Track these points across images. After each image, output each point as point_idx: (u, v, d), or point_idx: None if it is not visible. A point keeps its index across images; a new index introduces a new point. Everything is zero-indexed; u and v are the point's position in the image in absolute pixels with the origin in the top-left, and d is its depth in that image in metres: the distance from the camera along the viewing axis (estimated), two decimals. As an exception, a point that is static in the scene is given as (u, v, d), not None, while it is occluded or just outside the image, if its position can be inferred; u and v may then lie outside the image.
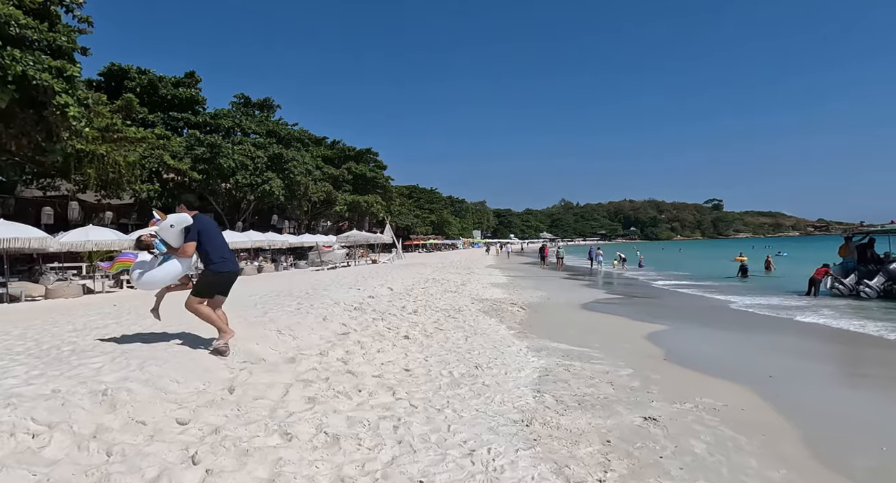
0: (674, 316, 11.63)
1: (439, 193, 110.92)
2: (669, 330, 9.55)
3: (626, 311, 12.55)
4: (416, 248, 76.33)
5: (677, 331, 9.60)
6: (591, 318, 11.18)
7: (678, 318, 11.21)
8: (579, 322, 10.56)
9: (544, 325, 9.94)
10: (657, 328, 9.64)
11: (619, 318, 11.05)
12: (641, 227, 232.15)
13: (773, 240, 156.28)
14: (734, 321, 11.23)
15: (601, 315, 11.69)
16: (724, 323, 11.00)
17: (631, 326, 9.98)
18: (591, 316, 11.57)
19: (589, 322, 10.62)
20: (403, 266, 27.48)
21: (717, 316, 12.08)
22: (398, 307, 10.38)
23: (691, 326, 10.26)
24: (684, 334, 9.36)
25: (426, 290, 14.44)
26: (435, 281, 18.16)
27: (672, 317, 11.42)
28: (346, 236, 28.91)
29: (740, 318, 11.74)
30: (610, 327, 9.87)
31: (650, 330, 9.46)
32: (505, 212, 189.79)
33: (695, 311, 13.01)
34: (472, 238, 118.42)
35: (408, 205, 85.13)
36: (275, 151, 37.37)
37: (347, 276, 17.58)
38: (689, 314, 12.22)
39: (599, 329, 9.60)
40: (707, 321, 11.20)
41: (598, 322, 10.62)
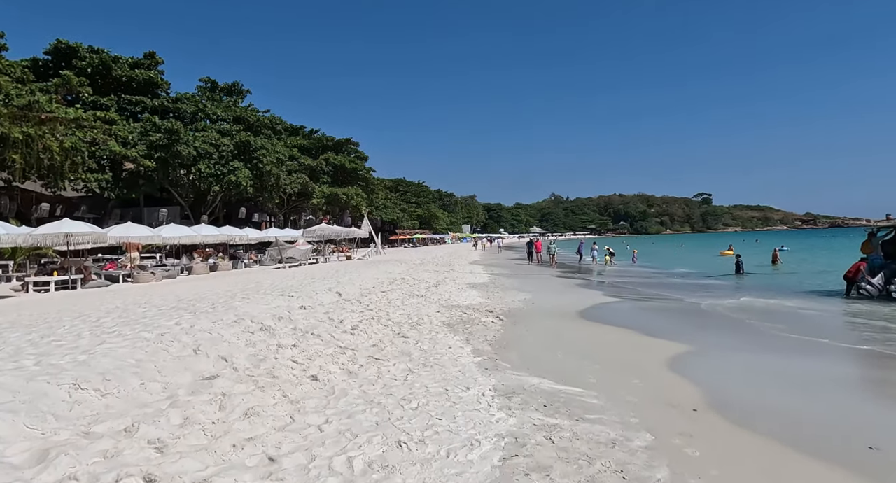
0: (698, 328, 9.27)
1: (427, 187, 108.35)
2: (697, 352, 7.17)
3: (632, 320, 10.16)
4: (402, 243, 73.86)
5: (709, 353, 7.21)
6: (586, 333, 8.79)
7: (705, 332, 8.83)
8: (571, 339, 8.17)
9: (524, 345, 7.54)
10: (679, 349, 7.27)
11: (625, 333, 8.65)
12: (631, 222, 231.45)
13: (761, 233, 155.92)
14: (785, 337, 8.70)
15: (599, 327, 9.27)
16: (773, 340, 8.38)
17: (642, 346, 7.61)
18: (587, 329, 9.18)
19: (584, 338, 8.23)
20: (376, 263, 24.98)
21: (758, 329, 9.64)
22: (334, 322, 7.93)
23: (727, 345, 7.77)
24: (721, 359, 6.92)
25: (386, 295, 12.00)
26: (404, 281, 15.72)
27: (696, 330, 9.06)
28: (312, 231, 26.30)
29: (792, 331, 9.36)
30: (613, 347, 7.49)
31: (670, 352, 7.09)
32: (495, 206, 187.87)
33: (722, 320, 10.43)
34: (460, 233, 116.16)
35: (393, 198, 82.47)
36: (242, 139, 34.58)
37: (298, 277, 15.07)
38: (717, 326, 9.74)
39: (598, 350, 7.22)
40: (747, 336, 8.47)
41: (596, 339, 8.22)
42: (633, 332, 8.64)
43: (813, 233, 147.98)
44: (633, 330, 8.79)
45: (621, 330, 8.84)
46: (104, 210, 33.19)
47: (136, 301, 9.51)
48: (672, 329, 8.96)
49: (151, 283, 16.43)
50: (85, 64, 31.47)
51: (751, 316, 10.65)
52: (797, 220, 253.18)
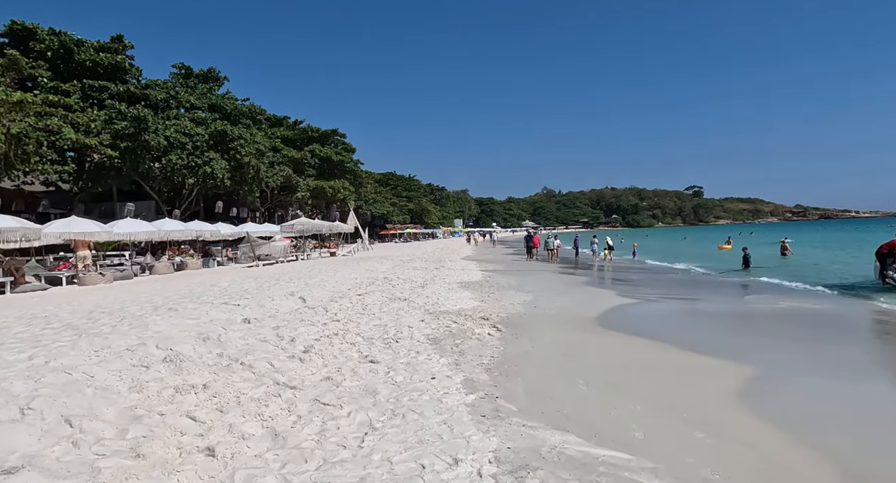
0: (747, 338, 7.50)
1: (418, 181, 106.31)
2: (766, 377, 5.35)
3: (662, 329, 8.33)
4: (393, 238, 71.96)
5: (786, 379, 5.40)
6: (609, 348, 6.97)
7: (758, 344, 7.04)
8: (591, 358, 6.35)
9: (532, 369, 5.71)
10: (739, 372, 5.46)
11: (659, 348, 6.81)
12: (623, 215, 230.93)
13: (752, 226, 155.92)
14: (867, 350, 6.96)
15: (624, 340, 7.44)
16: (852, 354, 6.66)
17: (688, 368, 5.80)
18: (609, 342, 7.36)
19: (608, 357, 6.40)
20: (360, 260, 23.05)
21: (820, 337, 7.92)
22: (282, 341, 6.06)
23: (800, 365, 5.96)
24: (812, 390, 5.06)
25: (362, 299, 10.12)
26: (387, 281, 13.84)
27: (745, 341, 7.30)
28: (290, 225, 24.30)
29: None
30: (651, 371, 5.67)
31: (729, 377, 5.28)
32: (487, 200, 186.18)
33: (769, 326, 8.72)
34: (452, 227, 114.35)
35: (383, 192, 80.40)
36: (218, 128, 32.34)
37: (264, 277, 13.12)
38: (767, 333, 8.02)
39: (632, 376, 5.41)
40: (816, 350, 6.71)
41: (624, 356, 6.39)
42: (668, 346, 6.82)
43: (804, 224, 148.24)
44: (667, 343, 6.97)
45: (653, 343, 7.01)
46: (70, 205, 30.96)
47: (33, 313, 7.56)
48: (715, 341, 7.16)
49: (100, 285, 14.42)
50: (44, 47, 29.07)
51: (802, 320, 8.92)
52: (787, 212, 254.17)
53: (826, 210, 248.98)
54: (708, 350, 6.56)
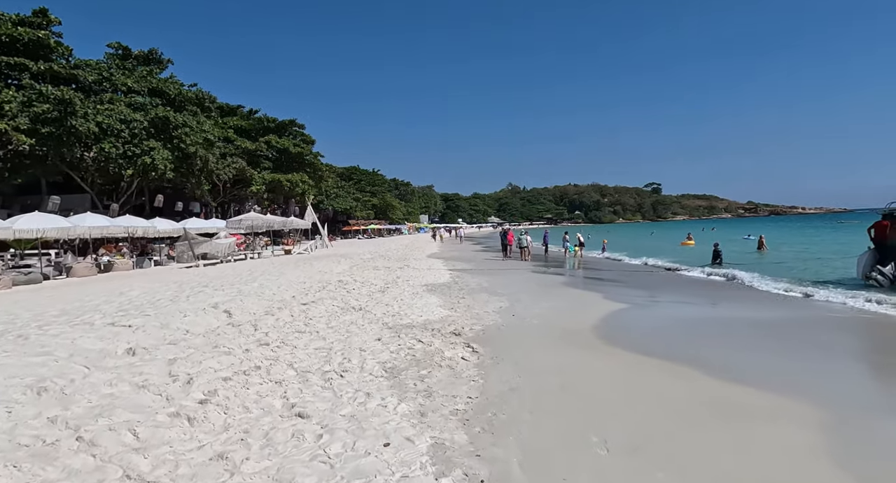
0: (789, 352, 6.18)
1: (382, 176, 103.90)
2: (852, 419, 3.96)
3: (681, 346, 6.88)
4: (356, 234, 69.62)
5: (877, 417, 4.04)
6: (623, 378, 5.47)
7: (809, 360, 5.73)
8: (601, 395, 4.83)
9: (526, 420, 4.13)
10: (811, 413, 4.02)
11: (686, 374, 5.33)
12: (586, 211, 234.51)
13: (709, 221, 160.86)
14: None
15: (639, 363, 5.98)
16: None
17: (737, 407, 4.34)
18: (620, 368, 5.85)
19: (623, 392, 4.89)
20: (316, 259, 21.04)
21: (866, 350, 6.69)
22: (173, 384, 4.25)
23: (888, 391, 4.68)
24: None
25: (307, 311, 8.31)
26: (341, 285, 12.03)
27: (790, 356, 5.96)
28: (237, 221, 22.02)
29: None
30: (691, 417, 4.18)
31: (802, 421, 3.84)
32: (453, 196, 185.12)
33: (808, 327, 7.54)
34: (418, 223, 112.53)
35: (346, 187, 77.73)
36: (159, 114, 29.41)
37: (191, 282, 11.05)
38: (813, 342, 6.75)
39: (662, 423, 3.92)
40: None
41: (643, 392, 4.89)
42: (693, 371, 5.34)
43: (756, 220, 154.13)
44: (690, 366, 5.49)
45: (673, 367, 5.52)
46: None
47: None
48: (745, 361, 5.74)
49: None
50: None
51: (828, 328, 7.73)
52: (740, 209, 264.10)
53: (776, 206, 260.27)
54: (744, 376, 5.15)
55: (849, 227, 59.53)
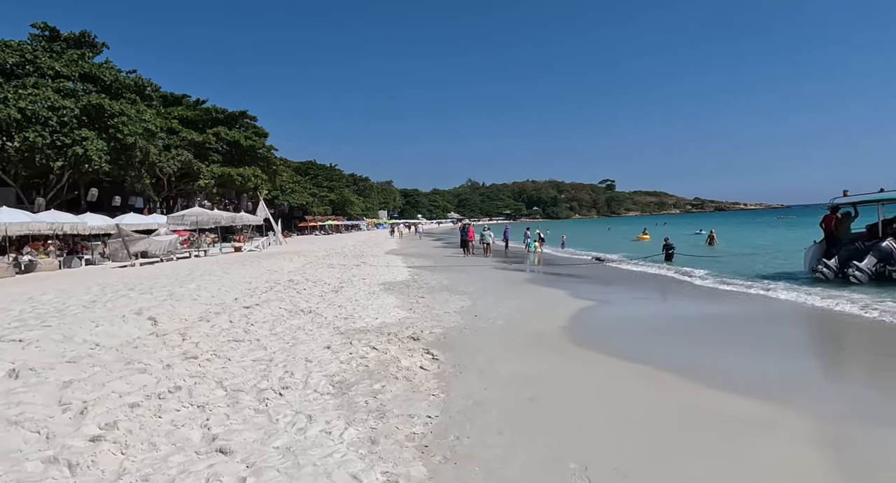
0: (766, 352, 5.88)
1: (340, 171, 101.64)
2: (849, 429, 3.61)
3: (650, 346, 6.54)
4: (313, 230, 67.68)
5: (876, 426, 3.70)
6: (594, 385, 5.00)
7: (788, 359, 5.43)
8: (576, 408, 4.34)
9: (494, 444, 3.57)
10: (803, 424, 3.64)
11: (666, 380, 4.91)
12: (543, 207, 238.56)
13: (659, 217, 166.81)
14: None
15: (610, 365, 5.55)
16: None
17: (725, 417, 3.91)
18: (589, 373, 5.40)
19: (600, 403, 4.41)
20: (268, 256, 19.87)
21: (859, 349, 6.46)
22: (60, 415, 3.43)
23: (879, 394, 4.36)
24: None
25: (249, 316, 7.47)
26: (291, 285, 11.16)
27: (768, 357, 5.65)
28: (180, 216, 20.53)
29: None
30: (674, 428, 3.73)
31: (796, 434, 3.44)
32: (412, 192, 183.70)
33: (777, 323, 7.34)
34: (377, 218, 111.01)
35: (302, 182, 75.40)
36: (92, 102, 27.13)
37: (117, 284, 9.87)
38: (788, 340, 6.51)
39: (647, 440, 3.45)
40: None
41: (622, 401, 4.43)
42: (673, 376, 4.92)
43: (703, 216, 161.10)
44: (669, 371, 5.06)
45: (651, 372, 5.07)
46: None
47: None
48: (727, 364, 5.39)
49: None
50: None
51: (798, 324, 7.59)
52: (688, 204, 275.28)
53: (720, 202, 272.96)
54: (724, 381, 4.77)
55: (787, 222, 62.87)
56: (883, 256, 11.89)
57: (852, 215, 13.92)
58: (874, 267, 11.86)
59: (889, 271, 11.85)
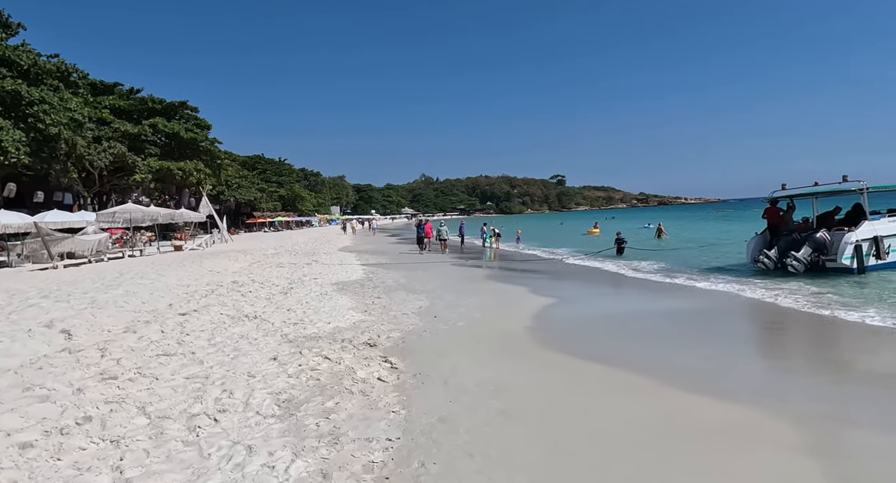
0: (733, 351, 5.74)
1: (290, 165, 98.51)
2: (835, 437, 3.42)
3: (621, 345, 6.32)
4: (262, 227, 65.16)
5: (858, 432, 3.53)
6: (568, 393, 4.69)
7: (760, 357, 5.29)
8: (553, 420, 3.99)
9: (467, 470, 3.15)
10: (792, 432, 3.41)
11: (643, 385, 4.66)
12: (497, 202, 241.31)
13: (608, 211, 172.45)
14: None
15: (582, 369, 5.27)
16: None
17: (708, 425, 3.67)
18: (562, 379, 5.08)
19: (577, 414, 4.08)
20: (209, 256, 18.63)
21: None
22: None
23: (856, 397, 4.24)
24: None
25: (185, 324, 6.71)
26: (236, 287, 10.34)
27: (737, 356, 5.51)
28: (111, 213, 18.89)
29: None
30: (658, 441, 3.44)
31: (788, 443, 3.22)
32: (365, 187, 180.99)
33: (738, 318, 7.31)
34: (329, 214, 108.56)
35: (250, 177, 72.37)
36: (6, 88, 24.59)
37: (29, 291, 8.70)
38: (754, 338, 6.42)
39: (633, 460, 3.13)
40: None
41: (600, 412, 4.13)
42: (650, 380, 4.67)
43: (647, 210, 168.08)
44: (646, 374, 4.80)
45: (627, 376, 4.80)
46: None
47: None
48: (700, 365, 5.20)
49: None
50: None
51: (755, 319, 7.60)
52: (633, 199, 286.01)
53: (663, 197, 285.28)
54: (700, 383, 4.57)
55: (724, 215, 66.38)
56: (817, 246, 12.42)
57: (792, 208, 14.53)
58: (809, 257, 12.40)
59: (822, 261, 12.41)
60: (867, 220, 12.55)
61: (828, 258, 12.33)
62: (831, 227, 12.99)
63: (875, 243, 12.25)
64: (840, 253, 11.98)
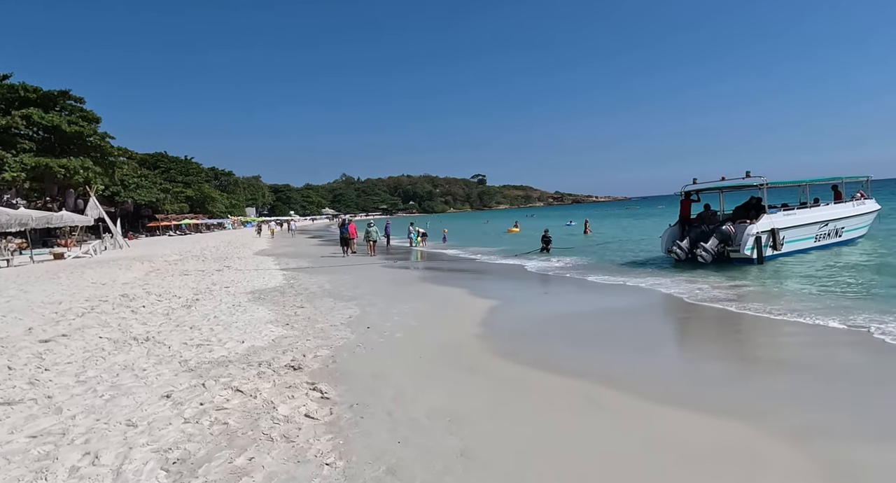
0: (699, 353, 5.36)
1: (198, 164, 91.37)
2: (843, 451, 3.01)
3: (580, 352, 5.75)
4: (167, 231, 59.64)
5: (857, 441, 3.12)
6: (533, 416, 3.98)
7: (731, 361, 4.92)
8: (532, 461, 3.27)
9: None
10: (795, 454, 2.97)
11: (617, 397, 4.05)
12: (419, 201, 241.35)
13: (527, 209, 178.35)
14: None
15: (546, 382, 4.60)
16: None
17: (698, 447, 3.14)
18: (524, 398, 4.37)
19: (548, 445, 3.41)
20: (96, 265, 16.14)
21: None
22: None
23: (851, 405, 3.90)
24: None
25: (45, 355, 5.25)
26: (125, 301, 8.69)
27: (706, 358, 5.11)
28: (-35, 217, 15.77)
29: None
30: (644, 470, 2.84)
31: (789, 464, 2.76)
32: (283, 187, 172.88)
33: (691, 317, 7.02)
34: (244, 216, 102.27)
35: (151, 176, 65.93)
36: None
37: None
38: (709, 336, 6.10)
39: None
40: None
41: (571, 438, 3.47)
42: (633, 396, 4.07)
43: (562, 208, 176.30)
44: (623, 388, 4.23)
45: (594, 388, 4.21)
46: None
47: None
48: (670, 372, 4.76)
49: None
50: None
51: (711, 318, 7.45)
52: (550, 198, 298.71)
53: (576, 195, 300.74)
54: (671, 392, 4.10)
55: (634, 212, 70.86)
56: (723, 238, 13.08)
57: (697, 201, 15.24)
58: (716, 248, 13.01)
59: (728, 252, 13.07)
60: (766, 213, 13.40)
61: (732, 249, 13.00)
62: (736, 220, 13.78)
63: (772, 235, 13.07)
64: (743, 244, 12.67)
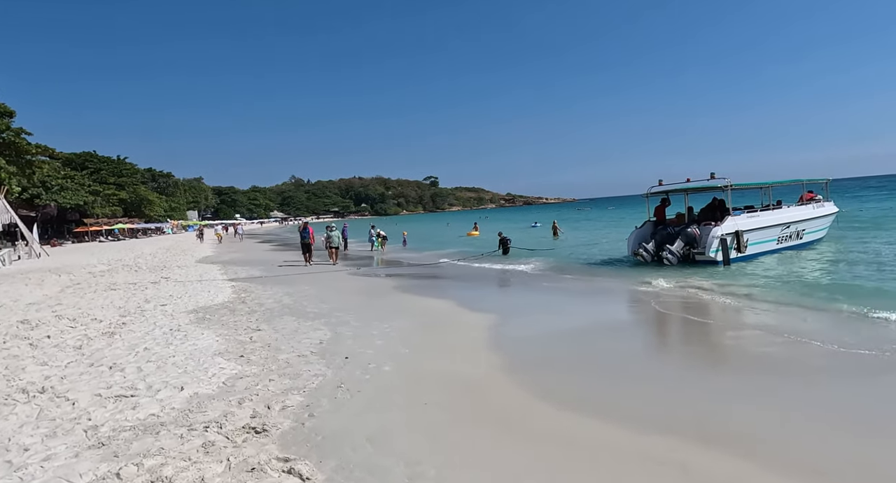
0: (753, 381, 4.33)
1: (132, 165, 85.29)
2: None
3: (633, 387, 4.59)
4: (97, 236, 54.82)
5: None
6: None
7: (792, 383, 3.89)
8: None
9: None
10: None
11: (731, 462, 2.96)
12: (372, 204, 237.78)
13: (480, 211, 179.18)
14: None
15: (615, 442, 3.39)
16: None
17: None
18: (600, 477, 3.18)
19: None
20: (5, 278, 13.64)
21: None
22: None
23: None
24: None
25: None
26: (24, 330, 6.83)
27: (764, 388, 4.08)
28: None
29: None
30: None
31: None
32: (227, 189, 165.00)
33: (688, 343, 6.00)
34: (185, 220, 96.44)
35: (78, 177, 60.49)
36: None
37: None
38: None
39: None
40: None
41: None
42: (770, 473, 3.01)
43: (515, 209, 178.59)
44: (749, 457, 3.16)
45: (715, 464, 3.09)
46: None
47: None
48: (732, 413, 3.71)
49: None
50: None
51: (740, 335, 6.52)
52: (502, 200, 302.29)
53: (528, 197, 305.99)
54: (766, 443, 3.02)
55: (586, 214, 71.96)
56: (689, 240, 12.72)
57: (669, 204, 14.87)
58: (682, 250, 12.64)
59: (692, 254, 12.69)
60: (730, 215, 13.05)
61: (697, 251, 12.64)
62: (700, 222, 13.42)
63: (736, 237, 12.71)
64: (707, 247, 12.32)
